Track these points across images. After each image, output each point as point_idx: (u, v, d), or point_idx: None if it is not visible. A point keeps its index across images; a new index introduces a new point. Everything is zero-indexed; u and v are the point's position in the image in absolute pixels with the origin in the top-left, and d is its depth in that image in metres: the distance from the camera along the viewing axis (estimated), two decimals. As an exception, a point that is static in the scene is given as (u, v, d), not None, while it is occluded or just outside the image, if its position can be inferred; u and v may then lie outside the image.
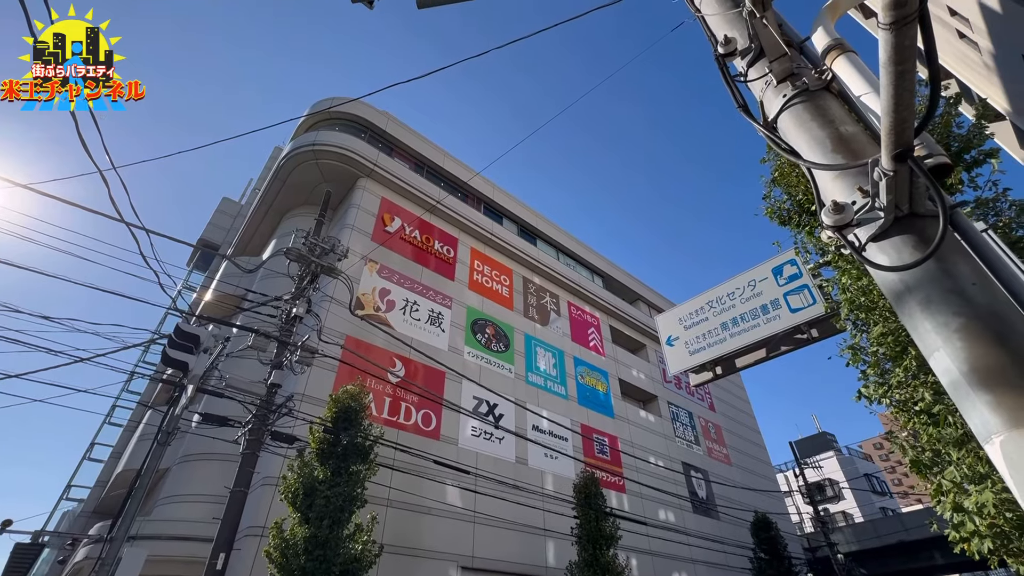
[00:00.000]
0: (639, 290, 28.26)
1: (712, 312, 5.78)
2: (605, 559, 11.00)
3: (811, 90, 2.05)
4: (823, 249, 4.81)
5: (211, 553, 6.40)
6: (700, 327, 5.82)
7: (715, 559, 19.40)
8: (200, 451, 12.34)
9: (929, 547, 24.77)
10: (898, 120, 1.31)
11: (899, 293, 1.53)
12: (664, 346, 6.22)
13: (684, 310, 6.11)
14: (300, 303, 8.68)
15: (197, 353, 5.93)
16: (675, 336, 6.06)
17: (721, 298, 5.77)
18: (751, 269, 5.74)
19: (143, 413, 18.05)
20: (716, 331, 5.66)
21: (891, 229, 1.57)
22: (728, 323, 5.58)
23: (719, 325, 5.66)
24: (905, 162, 1.41)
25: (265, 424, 7.43)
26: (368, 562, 7.50)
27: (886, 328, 4.27)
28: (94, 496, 17.34)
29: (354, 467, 7.96)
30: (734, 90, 2.33)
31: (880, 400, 4.58)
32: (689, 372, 6.09)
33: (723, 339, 5.57)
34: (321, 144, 16.92)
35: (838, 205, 1.63)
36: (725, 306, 5.71)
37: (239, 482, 6.99)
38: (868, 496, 38.69)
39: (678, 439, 23.31)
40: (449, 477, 12.51)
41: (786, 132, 2.08)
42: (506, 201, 22.68)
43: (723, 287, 5.84)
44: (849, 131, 1.86)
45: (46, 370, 6.56)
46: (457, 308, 17.37)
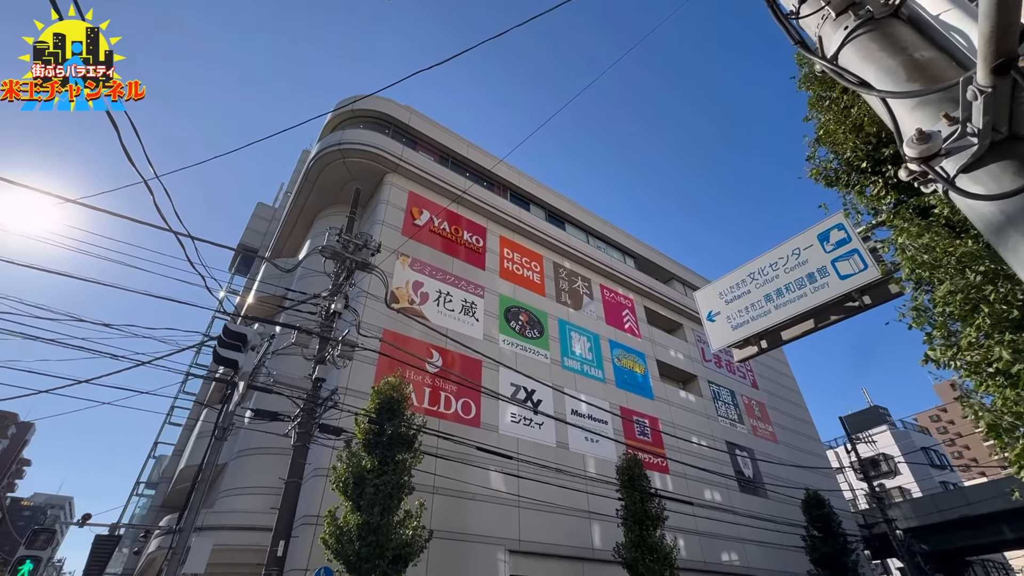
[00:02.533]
0: (673, 269, 27.63)
1: (754, 284, 5.52)
2: (652, 539, 10.91)
3: (876, 18, 1.86)
4: (875, 209, 4.48)
5: (271, 541, 6.66)
6: (742, 300, 5.58)
7: (765, 538, 18.99)
8: (254, 446, 12.86)
9: (997, 521, 23.51)
10: (1000, 24, 1.15)
11: (999, 226, 1.37)
12: (705, 322, 6.00)
13: (724, 284, 5.86)
14: (338, 299, 8.85)
15: (245, 351, 6.13)
16: (716, 311, 5.83)
17: (763, 269, 5.50)
18: (795, 237, 5.43)
19: (200, 412, 18.99)
20: (760, 303, 5.40)
21: (987, 156, 1.40)
22: (772, 294, 5.32)
23: (762, 297, 5.40)
24: (1007, 74, 1.24)
25: (313, 417, 7.64)
26: (419, 547, 7.67)
27: (954, 286, 3.96)
28: (161, 491, 18.41)
29: (400, 456, 8.11)
30: (787, 27, 2.14)
31: (948, 364, 4.28)
32: (732, 348, 5.87)
33: (767, 311, 5.31)
34: (347, 143, 17.14)
35: (923, 134, 1.46)
36: (768, 277, 5.43)
37: (292, 473, 7.23)
38: (926, 471, 37.06)
39: (720, 418, 22.83)
40: (492, 463, 12.64)
41: (849, 67, 1.90)
42: (532, 187, 22.49)
43: (765, 257, 5.56)
44: (925, 56, 1.67)
45: (113, 374, 6.93)
46: (489, 297, 17.41)
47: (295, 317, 10.61)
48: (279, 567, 6.50)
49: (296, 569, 9.54)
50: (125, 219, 6.07)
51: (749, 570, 18.19)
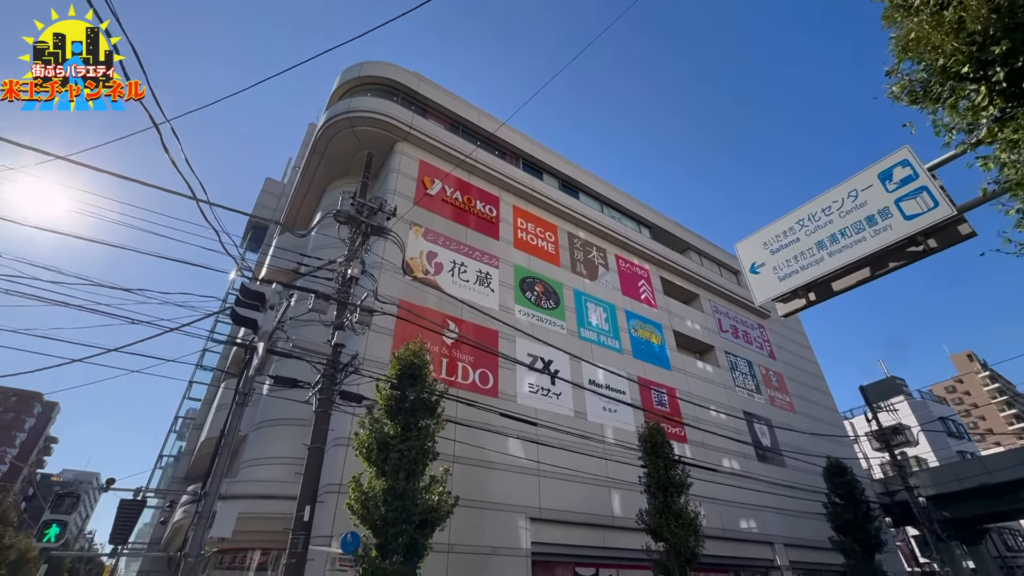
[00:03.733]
0: (689, 239, 27.06)
1: (804, 231, 5.13)
2: (677, 506, 10.81)
3: None
4: (971, 126, 4.00)
5: (297, 506, 6.59)
6: (790, 249, 5.20)
7: (783, 504, 18.99)
8: (274, 417, 12.90)
9: (1017, 489, 23.35)
10: None
11: None
12: (747, 275, 5.64)
13: (769, 233, 5.47)
14: (355, 264, 8.61)
15: (264, 310, 5.94)
16: (759, 263, 5.47)
17: (815, 215, 5.09)
18: (851, 178, 4.98)
19: (217, 387, 19.16)
20: (811, 251, 5.02)
21: None
22: (825, 241, 4.93)
23: (814, 244, 5.02)
24: None
25: (334, 383, 7.49)
26: (445, 512, 7.59)
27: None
28: (183, 464, 18.73)
29: (423, 421, 7.98)
30: None
31: None
32: (777, 302, 5.53)
33: (819, 259, 4.93)
34: (356, 111, 16.66)
35: None
36: (820, 223, 5.04)
37: (315, 439, 7.12)
38: (943, 440, 36.83)
39: (738, 388, 22.62)
40: (512, 429, 12.57)
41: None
42: (545, 155, 21.90)
43: (816, 202, 5.14)
44: None
45: (142, 341, 6.81)
46: (504, 267, 17.12)
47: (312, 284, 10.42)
48: (306, 532, 6.44)
49: (321, 536, 9.59)
50: (130, 181, 5.81)
51: (767, 537, 18.23)
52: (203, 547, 5.68)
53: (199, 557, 5.55)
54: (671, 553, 10.27)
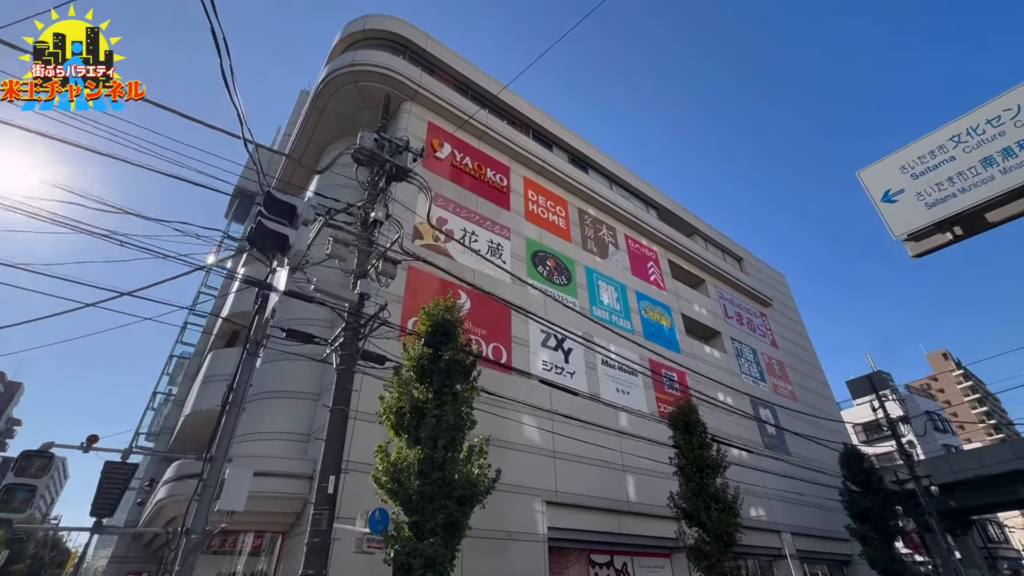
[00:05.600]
0: (695, 223, 26.42)
1: (962, 148, 4.28)
2: (713, 488, 10.03)
3: None
4: None
5: (319, 477, 5.55)
6: (942, 171, 4.35)
7: (790, 493, 18.57)
8: (272, 389, 11.75)
9: (1012, 480, 23.60)
10: None
11: None
12: (879, 204, 4.76)
13: (909, 155, 4.61)
14: (378, 206, 7.51)
15: (296, 225, 4.81)
16: (896, 189, 4.61)
17: (978, 127, 4.24)
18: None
19: (199, 362, 17.71)
20: (974, 171, 4.16)
21: None
22: (995, 157, 4.10)
23: (978, 162, 4.18)
24: None
25: (357, 336, 6.40)
26: (484, 488, 6.58)
27: None
28: (164, 441, 17.31)
29: (458, 384, 6.96)
30: None
31: None
32: (910, 241, 4.66)
33: (989, 178, 4.09)
34: (360, 64, 15.35)
35: None
36: (986, 137, 4.20)
37: (338, 399, 6.07)
38: (929, 435, 37.31)
39: (744, 375, 22.15)
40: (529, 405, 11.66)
41: None
42: (555, 128, 20.88)
43: (978, 112, 4.30)
44: None
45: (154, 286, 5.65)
46: (516, 239, 16.11)
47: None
48: (331, 505, 5.39)
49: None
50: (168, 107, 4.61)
51: (775, 525, 17.76)
52: (208, 522, 4.59)
53: (205, 534, 4.46)
54: (710, 538, 9.48)
